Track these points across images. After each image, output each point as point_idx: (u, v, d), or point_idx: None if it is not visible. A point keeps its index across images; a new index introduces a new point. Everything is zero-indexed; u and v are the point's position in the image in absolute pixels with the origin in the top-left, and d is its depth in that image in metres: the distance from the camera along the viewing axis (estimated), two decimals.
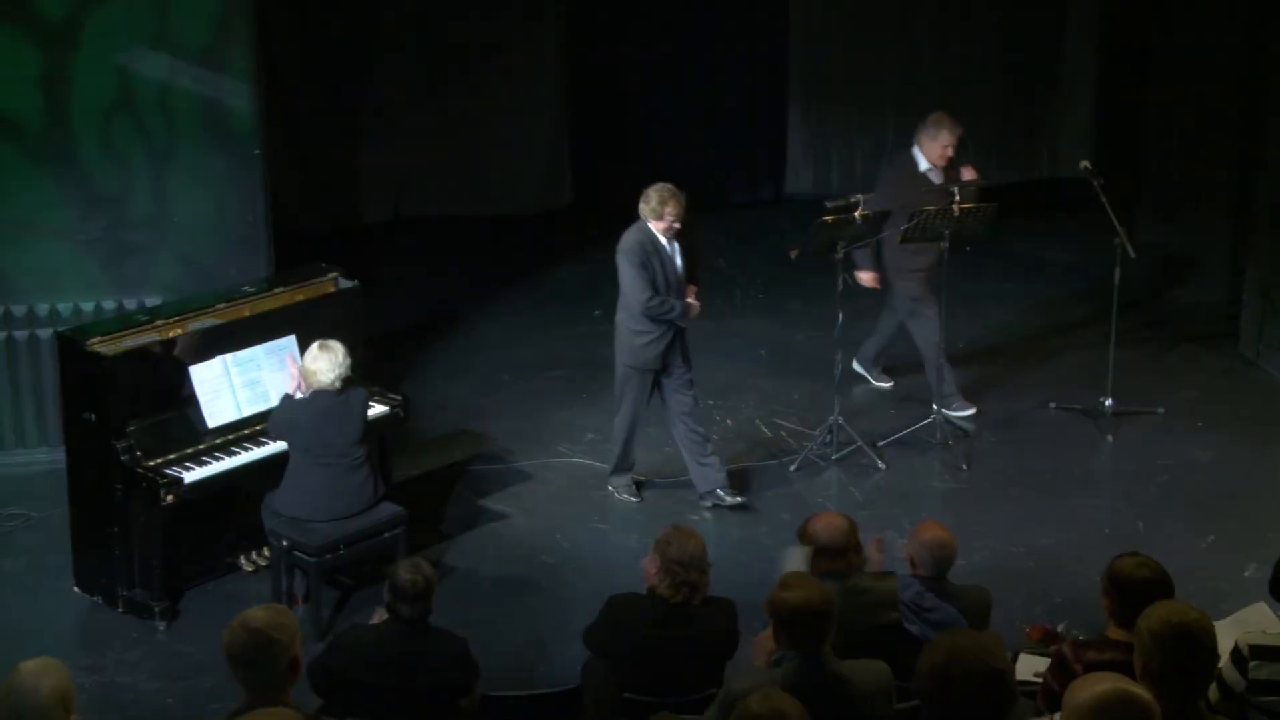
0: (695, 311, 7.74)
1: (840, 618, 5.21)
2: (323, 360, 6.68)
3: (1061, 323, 10.26)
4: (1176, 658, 3.87)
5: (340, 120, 11.55)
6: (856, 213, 8.04)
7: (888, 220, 8.24)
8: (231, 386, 7.05)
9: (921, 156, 8.52)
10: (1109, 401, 8.77)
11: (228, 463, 6.94)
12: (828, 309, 8.52)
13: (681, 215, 7.50)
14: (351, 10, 11.42)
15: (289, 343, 7.17)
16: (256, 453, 6.97)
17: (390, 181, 11.89)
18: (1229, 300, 10.16)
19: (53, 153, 7.97)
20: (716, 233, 12.12)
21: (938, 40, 12.52)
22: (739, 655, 5.48)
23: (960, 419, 8.76)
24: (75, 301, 8.12)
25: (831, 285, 8.32)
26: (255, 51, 8.18)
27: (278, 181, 9.06)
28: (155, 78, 7.98)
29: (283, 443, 6.86)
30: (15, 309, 8.10)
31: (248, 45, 8.12)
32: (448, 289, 10.92)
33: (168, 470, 6.79)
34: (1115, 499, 8.07)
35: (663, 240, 7.54)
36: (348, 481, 6.77)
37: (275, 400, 6.99)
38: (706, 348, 9.89)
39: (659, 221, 7.51)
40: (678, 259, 7.62)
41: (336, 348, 6.72)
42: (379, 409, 7.40)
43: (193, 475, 6.82)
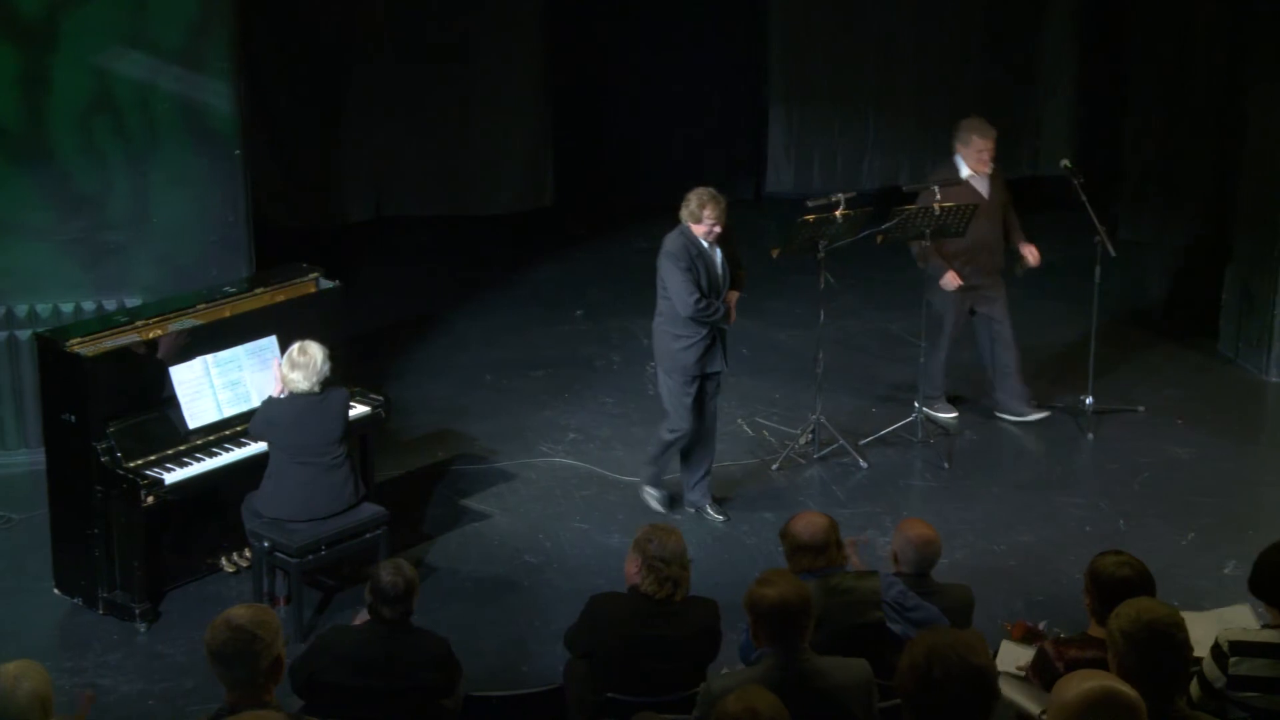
0: (733, 317, 7.67)
1: (823, 616, 5.24)
2: (299, 370, 6.66)
3: (1042, 321, 10.28)
4: (1151, 655, 3.90)
5: (321, 120, 11.53)
6: (837, 212, 8.05)
7: (869, 219, 8.25)
8: (212, 387, 7.03)
9: (963, 164, 8.51)
10: (1089, 399, 8.80)
11: (208, 464, 6.92)
12: (809, 308, 8.54)
13: (721, 218, 7.42)
14: (332, 11, 11.40)
15: (270, 343, 7.16)
16: (237, 454, 6.96)
17: (371, 181, 11.88)
18: (1209, 298, 10.20)
19: (31, 153, 7.94)
20: None
21: (918, 39, 12.56)
22: (722, 655, 5.49)
23: (943, 419, 8.81)
24: (55, 302, 8.09)
25: (813, 284, 8.33)
26: (235, 51, 8.16)
27: (258, 181, 9.04)
28: (134, 78, 7.95)
29: (263, 444, 6.84)
30: None
31: (227, 45, 8.10)
32: (429, 289, 10.91)
33: (148, 471, 6.77)
34: (1096, 496, 8.09)
35: (704, 244, 7.48)
36: (327, 481, 6.75)
37: (256, 401, 6.98)
38: None
39: (699, 225, 7.44)
40: (719, 261, 7.55)
41: (314, 352, 6.70)
42: (360, 409, 7.38)
43: (173, 476, 6.80)
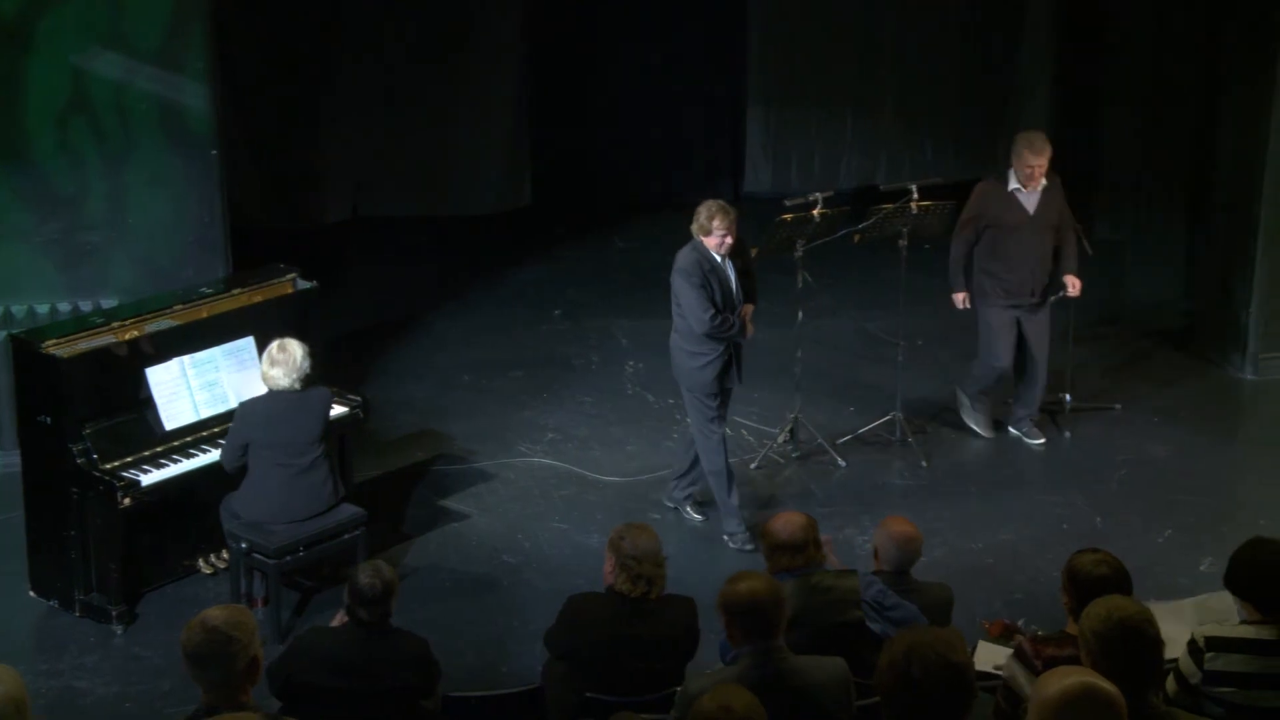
0: (749, 331, 7.56)
1: (803, 615, 5.24)
2: (279, 367, 6.65)
3: None
4: (1123, 652, 3.91)
5: (298, 120, 11.49)
6: (815, 211, 8.07)
7: (847, 219, 8.27)
8: (189, 388, 7.01)
9: (1012, 177, 8.30)
10: (1067, 398, 8.82)
11: (186, 465, 6.90)
12: (787, 308, 8.55)
13: (732, 229, 7.28)
14: (310, 11, 11.37)
15: (247, 344, 7.14)
16: (215, 455, 6.92)
17: (349, 181, 11.84)
18: (1184, 297, 10.25)
19: (7, 154, 7.90)
20: (675, 232, 12.10)
21: (896, 39, 12.58)
22: (701, 654, 5.50)
23: (1031, 443, 8.59)
24: (30, 304, 8.05)
25: (791, 284, 8.34)
26: (212, 52, 8.13)
27: (235, 182, 9.02)
28: (110, 78, 7.92)
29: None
30: None
31: (203, 45, 8.07)
32: (407, 289, 10.89)
33: (125, 473, 6.74)
34: (1073, 494, 8.12)
35: (717, 258, 7.35)
36: (307, 482, 6.73)
37: (234, 402, 6.97)
38: (666, 346, 9.88)
39: (710, 238, 7.31)
40: (732, 276, 7.42)
41: (294, 349, 6.68)
42: (338, 410, 7.36)
43: (150, 478, 6.77)
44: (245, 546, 6.74)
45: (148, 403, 6.92)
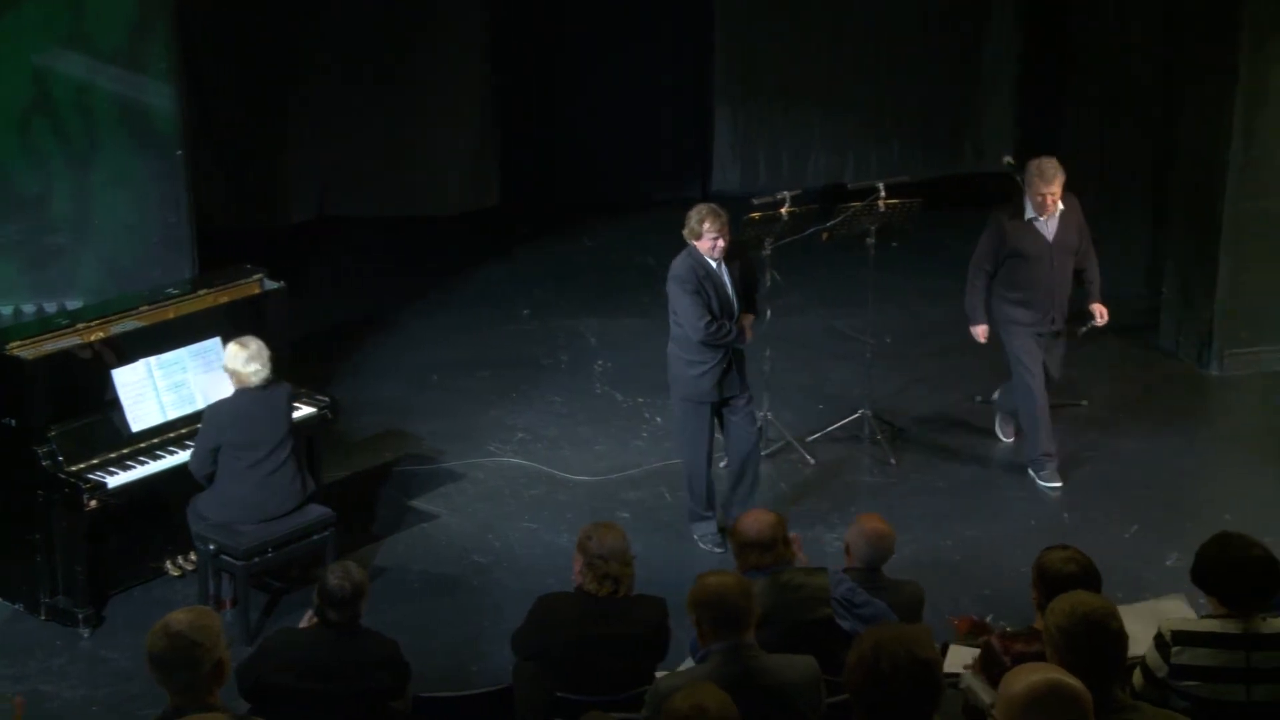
0: (748, 337, 7.48)
1: (773, 613, 5.25)
2: (255, 362, 6.63)
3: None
4: (1088, 646, 3.94)
5: (264, 120, 11.45)
6: (783, 210, 8.08)
7: (815, 217, 8.28)
8: (156, 390, 6.98)
9: (1029, 205, 7.93)
10: None
11: (152, 467, 6.86)
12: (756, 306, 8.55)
13: (723, 231, 7.17)
14: (276, 11, 11.32)
15: (214, 345, 7.11)
16: (182, 456, 6.89)
17: (315, 182, 11.81)
18: (1149, 293, 10.30)
19: None
20: (643, 231, 12.14)
21: (862, 38, 12.62)
22: (672, 654, 5.50)
23: (1047, 487, 8.17)
24: None
25: (760, 282, 8.34)
26: (176, 52, 8.10)
27: (201, 182, 8.98)
28: (73, 78, 7.87)
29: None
30: None
31: (168, 45, 8.04)
32: (375, 289, 10.86)
33: (91, 475, 6.70)
34: (1041, 491, 8.15)
35: (712, 263, 7.25)
36: (279, 480, 6.71)
37: (201, 403, 6.93)
38: (637, 344, 9.93)
39: (702, 241, 7.19)
40: (729, 282, 7.31)
41: (254, 343, 6.67)
42: (306, 410, 7.34)
43: (116, 480, 6.73)
44: (213, 548, 6.71)
45: (114, 404, 6.88)
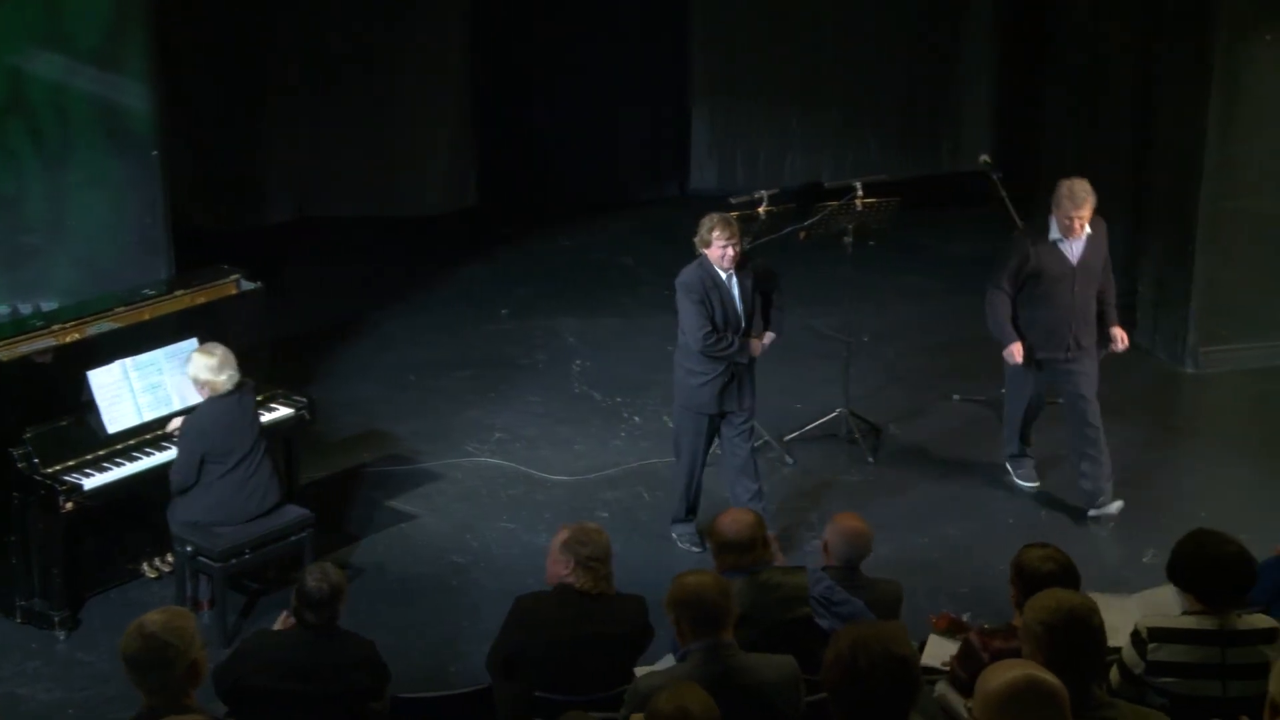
0: (757, 350, 7.34)
1: (752, 613, 5.26)
2: (226, 369, 6.61)
3: (963, 314, 10.37)
4: (1068, 643, 3.95)
5: (242, 120, 11.42)
6: (760, 209, 8.10)
7: (792, 216, 8.29)
8: (132, 391, 6.95)
9: (1054, 226, 7.62)
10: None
11: (129, 468, 6.83)
12: None
13: (732, 240, 7.08)
14: (254, 11, 11.29)
15: (190, 346, 7.07)
16: (158, 458, 6.87)
17: (293, 182, 11.78)
18: (1125, 290, 10.32)
19: None
20: (622, 230, 12.17)
21: (840, 37, 12.64)
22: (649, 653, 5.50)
23: (1026, 486, 8.16)
24: None
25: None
26: (152, 52, 8.07)
27: (177, 183, 8.95)
28: (49, 79, 7.84)
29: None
30: None
31: (144, 45, 8.00)
32: (352, 290, 10.84)
33: (66, 477, 6.67)
34: (1017, 488, 8.18)
35: (722, 274, 7.15)
36: (256, 482, 6.70)
37: (178, 404, 6.92)
38: (615, 344, 9.94)
39: (712, 250, 7.10)
40: (737, 295, 7.20)
41: (219, 349, 6.66)
42: (284, 411, 7.32)
43: (92, 482, 6.70)
44: (190, 550, 6.68)
45: (90, 406, 6.85)
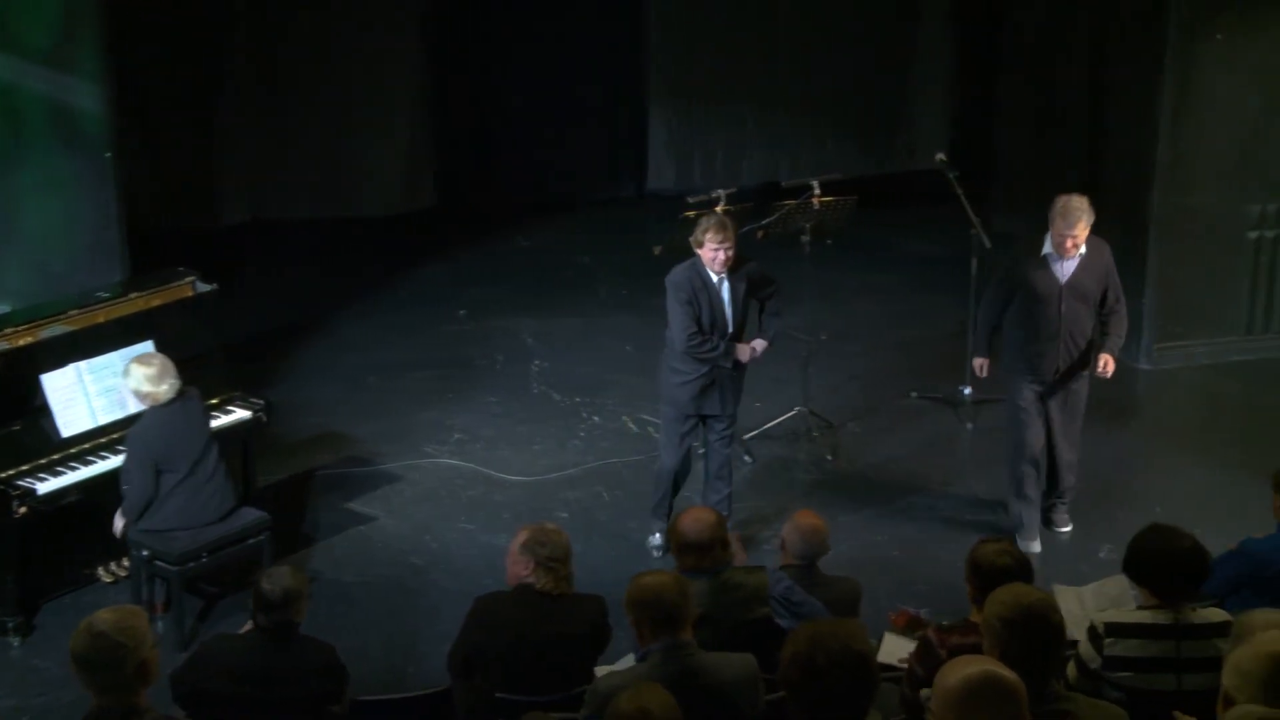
0: (745, 355, 7.24)
1: (713, 613, 5.26)
2: (167, 379, 6.53)
3: (921, 312, 10.44)
4: (1028, 639, 3.97)
5: (196, 122, 11.35)
6: (718, 208, 8.10)
7: (750, 215, 8.30)
8: (86, 394, 6.89)
9: (1049, 241, 7.37)
10: (968, 390, 8.94)
11: (83, 473, 6.78)
12: None
13: (724, 244, 6.99)
14: (208, 11, 11.22)
15: (146, 349, 7.02)
16: (113, 462, 6.81)
17: (248, 183, 11.71)
18: None
19: None
20: (580, 230, 12.16)
21: (796, 36, 12.69)
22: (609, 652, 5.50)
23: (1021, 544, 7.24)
24: None
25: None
26: (104, 53, 8.00)
27: (131, 184, 8.87)
28: None
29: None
30: None
31: (96, 47, 7.94)
32: (309, 291, 10.79)
33: (20, 482, 6.61)
34: (975, 485, 8.22)
35: (713, 276, 7.09)
36: (212, 487, 6.66)
37: (133, 408, 6.85)
38: (574, 344, 9.94)
39: (704, 250, 7.03)
40: (727, 298, 7.14)
41: (157, 359, 6.61)
42: (240, 414, 7.28)
43: (46, 486, 6.65)
44: (147, 554, 6.64)
45: (43, 410, 6.79)
